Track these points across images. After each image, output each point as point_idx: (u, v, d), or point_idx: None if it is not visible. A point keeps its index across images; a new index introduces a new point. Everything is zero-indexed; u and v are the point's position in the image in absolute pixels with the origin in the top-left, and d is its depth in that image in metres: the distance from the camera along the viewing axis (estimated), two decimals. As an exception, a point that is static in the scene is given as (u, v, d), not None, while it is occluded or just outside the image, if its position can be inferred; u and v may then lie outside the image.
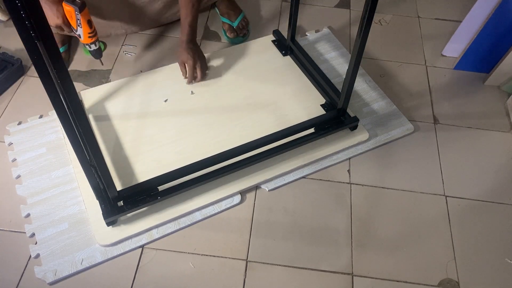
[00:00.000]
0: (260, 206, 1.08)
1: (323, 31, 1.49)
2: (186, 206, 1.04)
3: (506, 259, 1.02)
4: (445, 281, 0.98)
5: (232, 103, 1.24)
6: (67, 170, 1.10)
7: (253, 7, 1.58)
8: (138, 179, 1.07)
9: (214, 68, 1.33)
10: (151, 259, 0.99)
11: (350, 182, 1.14)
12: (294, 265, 0.99)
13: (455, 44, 1.40)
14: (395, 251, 1.02)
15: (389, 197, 1.11)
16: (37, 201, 1.05)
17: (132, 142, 1.15)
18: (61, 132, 1.17)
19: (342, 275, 0.98)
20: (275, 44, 1.40)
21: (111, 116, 1.20)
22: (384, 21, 1.57)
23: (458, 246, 1.03)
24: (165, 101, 1.23)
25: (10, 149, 1.15)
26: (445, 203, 1.11)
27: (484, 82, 1.37)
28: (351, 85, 1.06)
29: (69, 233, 1.00)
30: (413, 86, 1.36)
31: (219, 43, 1.47)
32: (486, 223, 1.07)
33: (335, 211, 1.08)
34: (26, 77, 1.33)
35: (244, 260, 1.00)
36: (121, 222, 1.00)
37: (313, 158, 1.13)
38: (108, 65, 1.37)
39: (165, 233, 1.02)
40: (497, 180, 1.15)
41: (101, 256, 0.97)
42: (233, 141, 1.12)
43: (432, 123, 1.27)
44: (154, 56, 1.40)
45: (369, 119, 1.24)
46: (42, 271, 0.94)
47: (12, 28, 1.43)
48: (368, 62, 1.42)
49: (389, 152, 1.20)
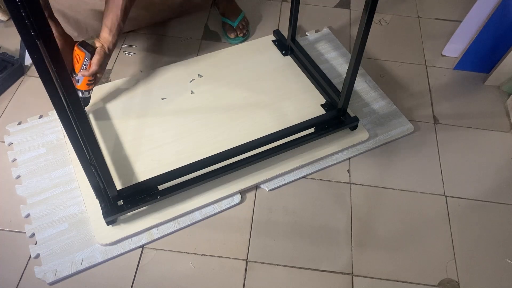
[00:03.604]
0: (260, 206, 1.08)
1: (323, 31, 1.49)
2: (186, 205, 1.04)
3: (506, 259, 1.02)
4: (445, 281, 0.98)
5: (232, 103, 1.24)
6: (67, 170, 1.10)
7: (253, 7, 1.58)
8: (138, 179, 1.07)
9: (214, 68, 1.33)
10: (151, 259, 0.99)
11: (350, 182, 1.14)
12: (294, 265, 0.99)
13: (455, 44, 1.40)
14: (395, 251, 1.02)
15: (389, 197, 1.11)
16: (37, 201, 1.05)
17: (132, 141, 1.15)
18: (61, 132, 1.17)
19: (342, 275, 0.98)
20: (275, 44, 1.40)
21: (111, 116, 1.20)
22: (384, 21, 1.57)
23: (458, 246, 1.03)
24: (162, 99, 1.23)
25: (10, 149, 1.15)
26: (445, 203, 1.11)
27: (484, 82, 1.37)
28: (351, 85, 1.07)
29: (69, 233, 1.00)
30: (413, 86, 1.36)
31: (219, 43, 1.47)
32: (486, 223, 1.07)
33: (335, 211, 1.08)
34: (26, 77, 1.33)
35: (244, 260, 1.00)
36: (121, 222, 1.00)
37: (313, 158, 1.13)
38: (108, 65, 1.37)
39: (165, 233, 1.02)
40: (497, 180, 1.15)
41: (101, 256, 0.97)
42: (233, 141, 1.12)
43: (432, 123, 1.27)
44: (154, 56, 1.40)
45: (369, 119, 1.24)
46: (42, 271, 0.94)
47: (12, 28, 1.43)
48: (368, 62, 1.42)
49: (389, 152, 1.20)
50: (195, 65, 1.34)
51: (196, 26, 1.51)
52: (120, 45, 1.43)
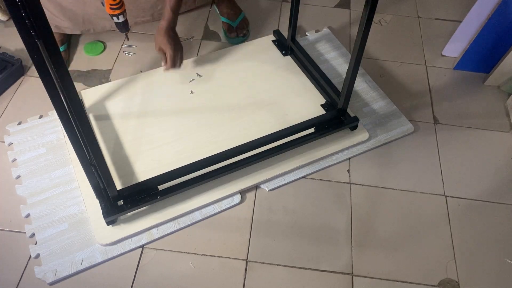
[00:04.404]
0: (260, 206, 1.08)
1: (323, 31, 1.49)
2: (186, 205, 1.04)
3: (506, 259, 1.02)
4: (445, 281, 0.98)
5: (232, 103, 1.24)
6: (67, 170, 1.10)
7: (253, 7, 1.58)
8: (138, 179, 1.07)
9: (214, 68, 1.33)
10: (151, 259, 0.99)
11: (350, 182, 1.14)
12: (294, 265, 0.99)
13: (455, 44, 1.40)
14: (395, 251, 1.02)
15: (389, 197, 1.11)
16: (37, 201, 1.05)
17: (132, 141, 1.15)
18: (61, 132, 1.17)
19: (342, 275, 0.98)
20: (275, 44, 1.40)
21: (111, 116, 1.20)
22: (384, 21, 1.57)
23: (458, 246, 1.03)
24: (163, 99, 1.24)
25: (10, 149, 1.15)
26: (445, 203, 1.11)
27: (484, 82, 1.37)
28: (351, 85, 1.06)
29: (69, 233, 1.00)
30: (413, 86, 1.36)
31: (219, 43, 1.47)
32: (486, 223, 1.07)
33: (335, 211, 1.08)
34: (26, 77, 1.33)
35: (244, 260, 1.00)
36: (121, 222, 1.00)
37: (313, 158, 1.13)
38: (108, 65, 1.37)
39: (165, 233, 1.02)
40: (497, 180, 1.15)
41: (101, 256, 0.97)
42: (233, 140, 1.12)
43: (432, 123, 1.27)
44: (154, 56, 1.40)
45: (369, 119, 1.24)
46: (42, 271, 0.94)
47: (12, 28, 1.43)
48: (368, 62, 1.42)
49: (389, 152, 1.20)
50: (195, 65, 1.34)
51: (196, 26, 1.51)
52: (120, 45, 1.43)
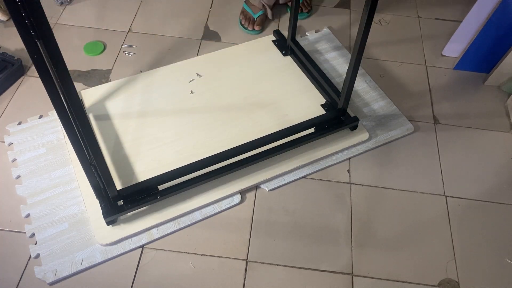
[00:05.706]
0: (260, 206, 1.08)
1: (323, 31, 1.49)
2: (186, 205, 1.04)
3: (506, 259, 1.02)
4: (445, 281, 0.98)
5: (232, 103, 1.24)
6: (67, 170, 1.10)
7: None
8: (138, 179, 1.07)
9: (214, 68, 1.33)
10: (151, 259, 0.99)
11: (350, 182, 1.14)
12: (294, 265, 0.99)
13: (455, 44, 1.40)
14: (395, 251, 1.02)
15: (389, 197, 1.11)
16: (37, 201, 1.05)
17: (132, 141, 1.15)
18: (61, 132, 1.17)
19: (342, 275, 0.98)
20: (275, 44, 1.40)
21: (111, 116, 1.20)
22: (384, 21, 1.57)
23: (458, 246, 1.03)
24: (163, 98, 1.24)
25: (10, 149, 1.15)
26: (445, 203, 1.11)
27: (484, 82, 1.37)
28: (351, 85, 1.07)
29: (69, 233, 1.00)
30: (413, 86, 1.36)
31: (219, 43, 1.47)
32: (486, 223, 1.07)
33: (335, 211, 1.08)
34: (26, 77, 1.33)
35: (244, 260, 1.00)
36: (121, 222, 1.00)
37: (313, 158, 1.13)
38: (108, 65, 1.37)
39: (165, 233, 1.02)
40: (497, 180, 1.15)
41: (101, 256, 0.97)
42: (233, 140, 1.12)
43: (432, 123, 1.27)
44: (154, 56, 1.40)
45: (369, 119, 1.24)
46: (42, 271, 0.94)
47: (12, 28, 1.43)
48: (368, 62, 1.42)
49: (389, 152, 1.20)
50: (195, 65, 1.34)
51: (196, 26, 1.52)
52: (120, 45, 1.43)
